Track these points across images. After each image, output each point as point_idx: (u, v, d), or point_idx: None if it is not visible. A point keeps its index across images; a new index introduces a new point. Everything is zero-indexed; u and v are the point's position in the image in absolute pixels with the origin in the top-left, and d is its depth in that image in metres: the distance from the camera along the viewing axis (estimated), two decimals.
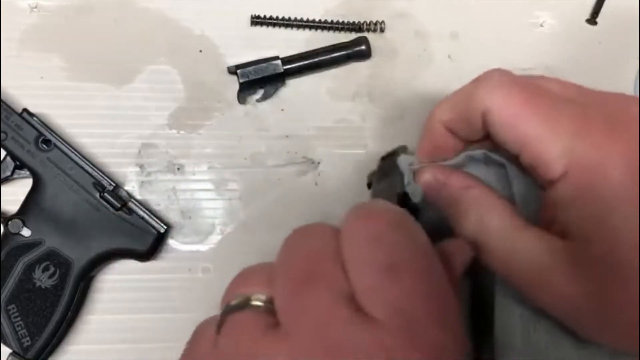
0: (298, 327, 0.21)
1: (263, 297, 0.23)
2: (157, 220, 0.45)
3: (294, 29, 0.50)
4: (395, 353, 0.20)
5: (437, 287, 0.23)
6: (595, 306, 0.25)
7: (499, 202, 0.29)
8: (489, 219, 0.28)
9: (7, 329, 0.43)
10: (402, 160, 0.34)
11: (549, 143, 0.26)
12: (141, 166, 0.48)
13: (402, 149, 0.44)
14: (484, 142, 0.30)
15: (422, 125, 0.34)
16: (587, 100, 0.27)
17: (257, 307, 0.23)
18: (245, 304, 0.23)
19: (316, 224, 0.25)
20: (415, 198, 0.32)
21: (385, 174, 0.40)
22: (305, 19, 0.50)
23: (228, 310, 0.24)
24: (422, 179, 0.32)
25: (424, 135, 0.32)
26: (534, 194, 0.29)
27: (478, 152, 0.31)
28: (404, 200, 0.34)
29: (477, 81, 0.29)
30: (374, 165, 0.49)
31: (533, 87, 0.27)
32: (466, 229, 0.29)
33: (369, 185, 0.45)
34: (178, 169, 0.48)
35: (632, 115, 0.26)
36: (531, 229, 0.28)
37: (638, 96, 0.48)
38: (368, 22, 0.50)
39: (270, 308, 0.23)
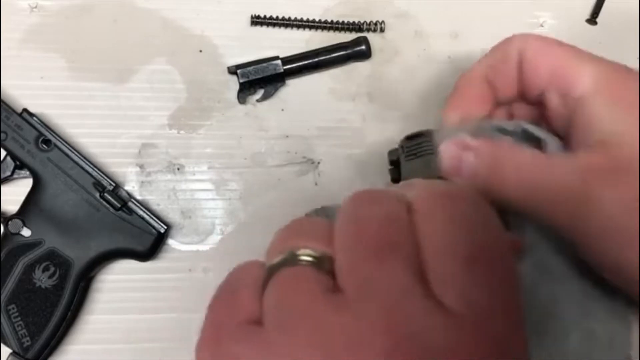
0: (366, 298, 0.19)
1: (314, 253, 0.21)
2: (157, 220, 0.45)
3: (294, 29, 0.50)
4: (463, 346, 0.19)
5: (510, 280, 0.22)
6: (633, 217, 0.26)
7: (532, 149, 0.30)
8: (524, 159, 0.29)
9: (7, 329, 0.43)
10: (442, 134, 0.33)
11: (577, 63, 0.31)
12: (141, 166, 0.48)
13: (428, 133, 0.42)
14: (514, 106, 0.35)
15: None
16: None
17: (308, 262, 0.21)
18: (292, 260, 0.21)
19: (386, 190, 0.24)
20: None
21: (414, 154, 0.40)
22: (305, 19, 0.50)
23: (274, 268, 0.21)
24: (443, 152, 0.31)
25: (457, 90, 0.35)
26: None
27: (512, 124, 0.32)
28: None
29: (508, 37, 0.34)
30: (374, 165, 0.49)
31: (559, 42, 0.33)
32: (503, 184, 0.29)
33: (393, 163, 0.43)
34: (178, 169, 0.48)
35: None
36: (568, 154, 0.30)
37: None
38: (368, 22, 0.50)
39: (325, 267, 0.21)
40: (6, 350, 0.43)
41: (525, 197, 0.28)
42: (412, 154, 0.40)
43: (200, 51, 0.49)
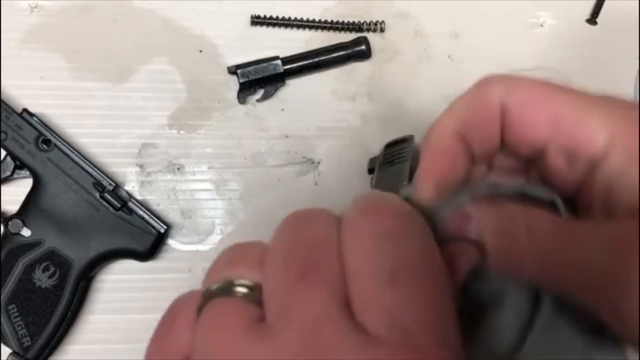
0: (285, 326, 0.19)
1: (249, 282, 0.21)
2: (157, 220, 0.45)
3: (294, 29, 0.50)
4: None
5: (441, 300, 0.21)
6: None
7: (545, 211, 0.25)
8: (542, 225, 0.24)
9: (7, 329, 0.43)
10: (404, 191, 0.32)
11: (586, 115, 0.24)
12: (141, 166, 0.48)
13: (410, 138, 0.42)
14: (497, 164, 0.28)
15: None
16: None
17: (242, 294, 0.21)
18: (228, 289, 0.21)
19: (317, 210, 0.23)
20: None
21: (390, 161, 0.39)
22: (305, 19, 0.50)
23: (209, 295, 0.21)
24: (452, 225, 0.26)
25: (428, 154, 0.27)
26: None
27: (511, 186, 0.26)
28: None
29: (483, 80, 0.26)
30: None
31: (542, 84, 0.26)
32: (514, 254, 0.24)
33: (370, 171, 0.44)
34: (178, 169, 0.48)
35: None
36: (592, 222, 0.24)
37: (638, 96, 0.49)
38: (368, 22, 0.50)
39: (256, 297, 0.21)
40: (6, 350, 0.43)
41: (541, 269, 0.24)
42: (387, 162, 0.40)
43: (200, 51, 0.49)
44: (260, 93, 0.49)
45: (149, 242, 0.45)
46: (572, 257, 0.23)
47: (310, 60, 0.49)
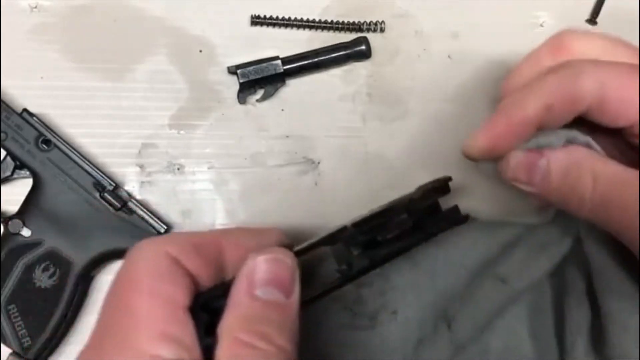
0: None
1: None
2: (157, 220, 0.45)
3: (294, 29, 0.50)
4: None
5: None
6: None
7: (615, 162, 0.28)
8: (606, 170, 0.28)
9: (7, 329, 0.43)
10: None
11: None
12: (141, 166, 0.48)
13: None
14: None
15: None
16: None
17: None
18: None
19: None
20: None
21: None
22: (305, 19, 0.50)
23: None
24: (512, 159, 0.30)
25: (498, 117, 0.31)
26: None
27: (581, 137, 0.30)
28: None
29: (575, 65, 0.30)
30: (373, 165, 0.49)
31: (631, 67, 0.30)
32: (581, 191, 0.28)
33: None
34: (178, 169, 0.48)
35: None
36: None
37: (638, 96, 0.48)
38: (368, 22, 0.50)
39: None
40: (6, 350, 0.43)
41: (600, 209, 0.27)
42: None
43: (200, 51, 0.49)
44: (260, 93, 0.49)
45: None
46: (631, 200, 0.26)
47: (310, 60, 0.49)
